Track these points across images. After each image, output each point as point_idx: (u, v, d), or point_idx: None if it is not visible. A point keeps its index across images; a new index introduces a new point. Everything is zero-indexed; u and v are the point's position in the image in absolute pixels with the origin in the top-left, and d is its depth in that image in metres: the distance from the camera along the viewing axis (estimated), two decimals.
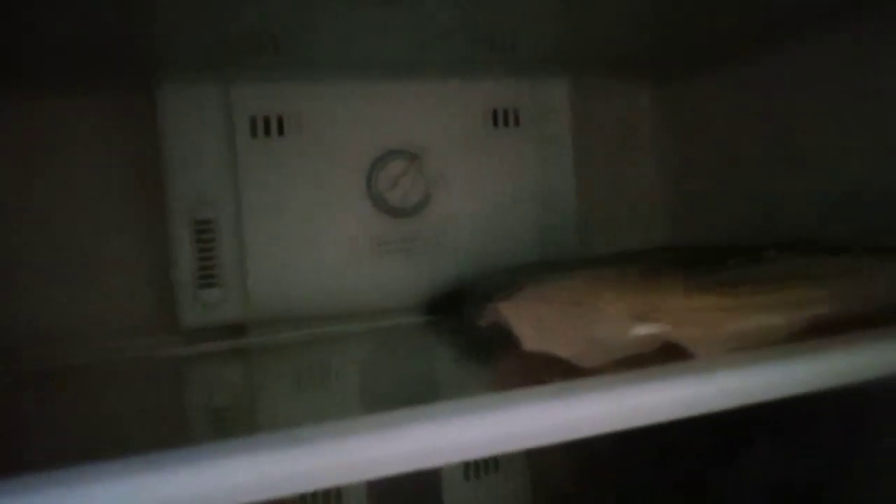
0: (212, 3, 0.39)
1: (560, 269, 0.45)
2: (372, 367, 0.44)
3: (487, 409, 0.24)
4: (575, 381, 0.26)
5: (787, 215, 0.55)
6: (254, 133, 0.52)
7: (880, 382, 0.30)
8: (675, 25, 0.49)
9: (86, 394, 0.41)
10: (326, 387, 0.39)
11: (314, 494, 0.54)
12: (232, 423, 0.35)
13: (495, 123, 0.59)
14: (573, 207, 0.61)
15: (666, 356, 0.30)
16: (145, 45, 0.45)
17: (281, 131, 0.53)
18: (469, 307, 0.44)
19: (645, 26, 0.49)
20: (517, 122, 0.59)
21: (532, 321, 0.33)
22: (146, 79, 0.51)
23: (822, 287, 0.34)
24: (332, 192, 0.54)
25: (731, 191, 0.60)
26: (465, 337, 0.46)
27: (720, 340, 0.31)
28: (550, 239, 0.60)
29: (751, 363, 0.28)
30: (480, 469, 0.60)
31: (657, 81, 0.68)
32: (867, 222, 0.48)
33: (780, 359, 0.28)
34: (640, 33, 0.51)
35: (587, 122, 0.63)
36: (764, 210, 0.57)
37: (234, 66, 0.50)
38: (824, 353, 0.28)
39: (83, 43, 0.43)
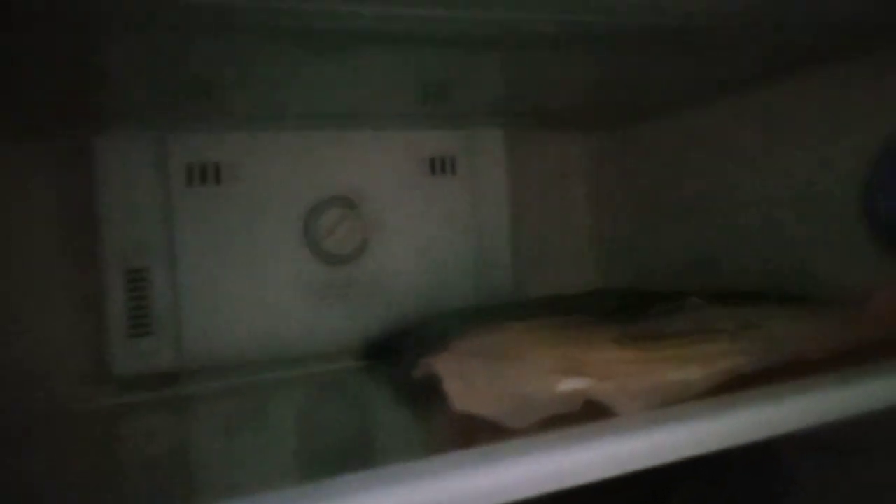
0: (148, 55, 0.39)
1: (493, 318, 0.46)
2: (304, 420, 0.44)
3: (409, 479, 0.24)
4: (498, 446, 0.27)
5: (708, 261, 0.57)
6: (190, 181, 0.53)
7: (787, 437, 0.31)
8: (601, 86, 0.52)
9: (8, 445, 0.40)
10: (258, 439, 0.40)
11: None
12: (158, 479, 0.35)
13: (432, 171, 0.60)
14: (508, 252, 0.63)
15: (589, 414, 0.31)
16: (81, 95, 0.45)
17: (218, 179, 0.53)
18: (405, 358, 0.44)
19: (574, 87, 0.51)
20: (454, 170, 0.61)
21: (462, 379, 0.34)
22: (81, 126, 0.50)
23: (731, 342, 0.36)
24: (268, 239, 0.55)
25: (657, 236, 0.63)
26: (401, 387, 0.46)
27: (639, 395, 0.33)
28: (486, 283, 0.62)
29: (668, 421, 0.30)
30: None
31: (587, 132, 0.71)
32: (784, 270, 0.51)
33: (695, 417, 0.30)
34: (569, 93, 0.53)
35: (522, 168, 0.65)
36: (687, 256, 0.59)
37: (170, 115, 0.50)
38: (732, 411, 0.30)
39: (19, 93, 0.43)
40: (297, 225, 0.55)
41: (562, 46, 0.40)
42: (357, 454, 0.35)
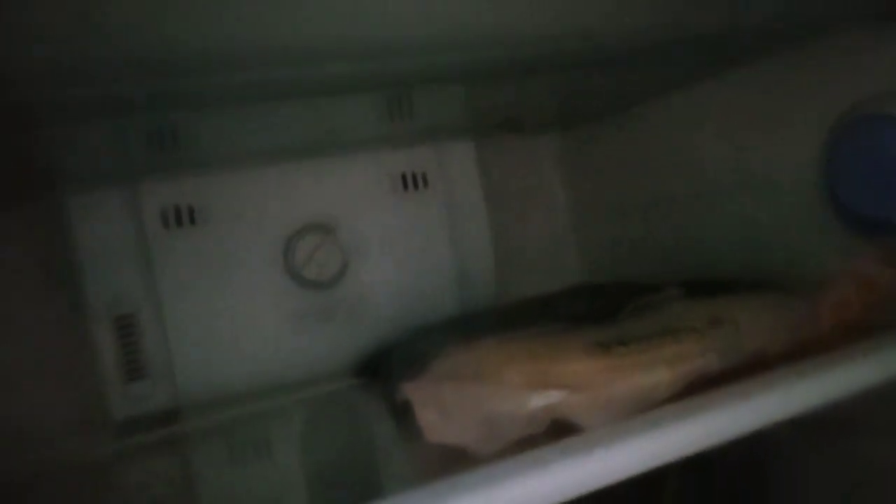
0: (107, 108, 0.40)
1: (472, 331, 0.47)
2: (299, 446, 0.45)
3: None
4: (456, 477, 0.28)
5: (685, 252, 0.58)
6: (165, 224, 0.54)
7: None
8: (565, 96, 0.52)
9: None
10: (260, 471, 0.41)
11: None
12: None
13: (405, 187, 0.61)
14: (489, 259, 0.64)
15: (559, 432, 0.32)
16: (48, 157, 0.46)
17: (192, 220, 0.54)
18: (388, 380, 0.45)
19: (539, 100, 0.51)
20: (426, 184, 0.61)
21: (435, 406, 0.35)
22: (53, 190, 0.51)
23: (699, 340, 0.37)
24: (249, 272, 0.56)
25: (633, 229, 0.63)
26: (388, 408, 0.47)
27: (607, 406, 0.34)
28: (469, 290, 0.63)
29: (630, 434, 0.30)
30: None
31: (557, 131, 0.71)
32: (753, 256, 0.51)
33: (657, 426, 0.31)
34: (535, 104, 0.53)
35: (495, 174, 0.66)
36: (663, 246, 0.60)
37: (138, 167, 0.51)
38: (693, 417, 0.31)
39: None
40: (276, 255, 0.56)
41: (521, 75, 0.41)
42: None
